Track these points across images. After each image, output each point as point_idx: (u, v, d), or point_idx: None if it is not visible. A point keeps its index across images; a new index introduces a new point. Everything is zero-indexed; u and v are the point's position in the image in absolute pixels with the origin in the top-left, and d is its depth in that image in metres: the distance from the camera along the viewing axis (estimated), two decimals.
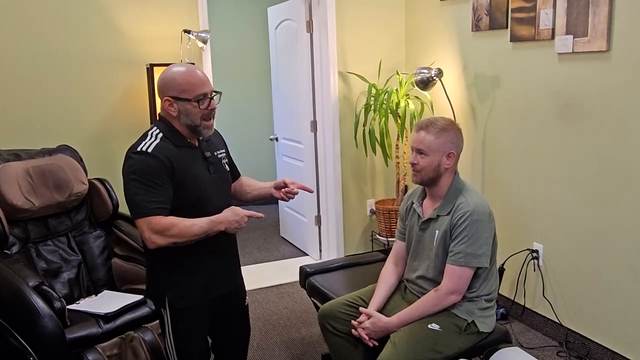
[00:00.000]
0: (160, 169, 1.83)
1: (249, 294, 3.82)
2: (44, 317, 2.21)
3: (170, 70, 1.93)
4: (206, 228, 1.86)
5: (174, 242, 1.84)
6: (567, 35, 2.80)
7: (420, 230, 2.27)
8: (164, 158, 1.85)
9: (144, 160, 1.83)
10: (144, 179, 1.82)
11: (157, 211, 1.81)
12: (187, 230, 1.84)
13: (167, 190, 1.85)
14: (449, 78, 3.67)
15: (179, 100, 1.89)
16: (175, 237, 1.83)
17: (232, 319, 2.18)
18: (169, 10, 3.56)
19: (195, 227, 1.85)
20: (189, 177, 1.91)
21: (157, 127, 1.95)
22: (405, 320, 2.14)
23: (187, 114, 1.90)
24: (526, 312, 3.27)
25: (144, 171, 1.82)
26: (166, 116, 1.95)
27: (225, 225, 1.89)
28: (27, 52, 3.29)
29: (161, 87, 1.92)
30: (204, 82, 1.91)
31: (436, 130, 2.13)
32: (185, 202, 1.89)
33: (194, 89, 1.88)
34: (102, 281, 2.89)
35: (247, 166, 5.88)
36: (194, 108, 1.90)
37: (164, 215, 1.83)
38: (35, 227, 2.82)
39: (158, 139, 1.89)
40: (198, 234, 1.86)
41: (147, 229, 1.81)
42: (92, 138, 3.46)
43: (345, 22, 4.03)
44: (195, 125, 1.92)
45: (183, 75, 1.89)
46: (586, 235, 2.85)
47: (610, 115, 2.66)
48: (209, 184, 1.97)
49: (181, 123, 1.92)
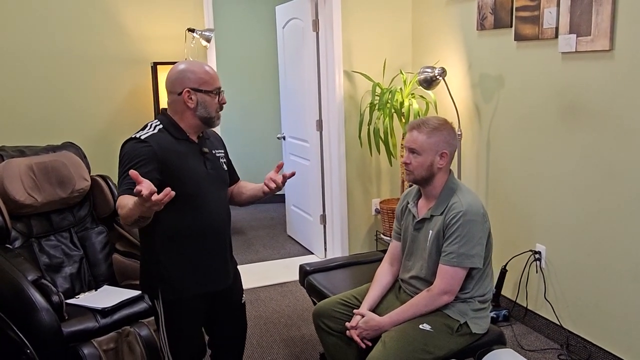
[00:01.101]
0: (147, 153, 1.86)
1: (253, 291, 3.89)
2: (40, 311, 2.25)
3: (184, 65, 1.98)
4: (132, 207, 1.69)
5: (132, 222, 1.72)
6: (570, 34, 2.76)
7: (415, 230, 2.26)
8: (156, 146, 1.88)
9: (134, 145, 1.88)
10: (129, 161, 1.84)
11: (124, 191, 1.78)
12: (124, 209, 1.73)
13: (148, 174, 1.74)
14: (454, 77, 3.65)
15: (198, 91, 1.94)
16: (121, 217, 1.75)
17: (228, 316, 2.20)
18: (174, 9, 3.60)
19: (129, 204, 1.71)
20: (183, 169, 1.93)
21: (159, 119, 2.00)
22: (397, 320, 2.13)
23: (205, 106, 1.95)
24: (528, 314, 3.23)
25: (130, 154, 1.86)
26: (177, 110, 1.97)
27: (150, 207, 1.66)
28: (34, 51, 3.35)
29: (176, 80, 1.95)
30: (217, 77, 2.01)
31: (428, 130, 2.12)
32: (179, 194, 1.88)
33: (213, 82, 1.96)
34: (103, 276, 2.92)
35: (254, 165, 5.97)
36: (212, 100, 1.96)
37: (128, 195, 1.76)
38: (38, 222, 2.87)
39: (156, 129, 1.95)
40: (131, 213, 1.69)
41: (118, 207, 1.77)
42: (96, 135, 3.51)
43: (351, 21, 4.02)
44: (211, 117, 1.98)
45: (201, 68, 1.96)
46: (589, 237, 2.81)
47: (614, 115, 2.62)
48: (205, 178, 1.99)
49: (196, 115, 1.96)
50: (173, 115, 1.99)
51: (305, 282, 2.95)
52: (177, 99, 1.95)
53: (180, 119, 1.98)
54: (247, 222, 5.55)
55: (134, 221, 1.71)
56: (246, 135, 6.04)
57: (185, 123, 1.98)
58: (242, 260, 4.48)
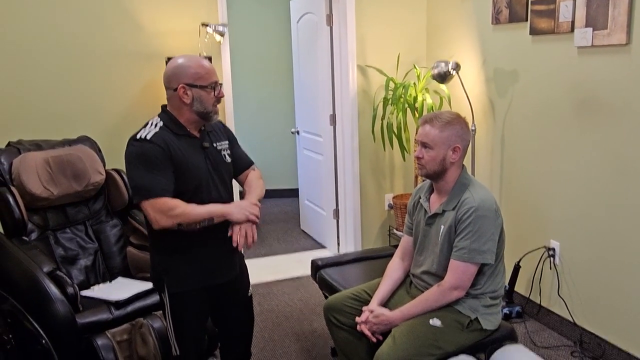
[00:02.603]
0: (160, 154, 1.90)
1: (265, 285, 3.91)
2: (55, 302, 2.28)
3: (180, 60, 1.98)
4: (212, 210, 1.93)
5: (178, 223, 1.89)
6: (586, 28, 2.72)
7: (427, 225, 2.25)
8: (163, 144, 1.91)
9: (144, 146, 1.90)
10: (144, 163, 1.88)
11: (161, 193, 1.88)
12: (191, 210, 1.90)
13: (168, 174, 1.91)
14: (468, 72, 3.62)
15: (193, 87, 1.94)
16: (179, 217, 1.88)
17: (234, 309, 2.22)
18: (188, 4, 3.61)
19: (198, 208, 1.91)
20: (186, 165, 1.96)
21: (159, 117, 2.01)
22: (407, 315, 2.13)
23: (201, 101, 1.96)
24: (542, 311, 3.21)
25: (145, 156, 1.89)
26: (174, 105, 1.99)
27: (233, 213, 1.95)
28: (50, 46, 3.39)
29: (172, 76, 1.96)
30: (214, 71, 2.00)
31: (441, 124, 2.11)
32: (182, 190, 1.94)
33: (208, 77, 1.96)
34: (117, 269, 2.96)
35: (268, 159, 6.00)
36: (208, 94, 1.97)
37: (168, 197, 1.88)
38: (54, 215, 2.91)
39: (158, 127, 1.96)
40: (202, 215, 1.91)
41: (152, 210, 1.88)
42: (112, 129, 3.54)
43: (365, 15, 4.01)
44: (208, 112, 1.99)
45: (196, 63, 1.96)
46: (603, 234, 2.78)
47: (630, 111, 2.58)
48: (205, 173, 2.01)
49: (192, 110, 1.97)
50: (172, 110, 2.00)
51: (317, 276, 2.95)
52: (174, 95, 1.97)
53: (179, 115, 1.99)
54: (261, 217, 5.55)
55: (201, 224, 1.92)
56: (260, 130, 6.05)
57: (184, 118, 1.99)
58: (256, 254, 4.51)
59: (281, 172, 6.08)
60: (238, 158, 2.21)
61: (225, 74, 3.76)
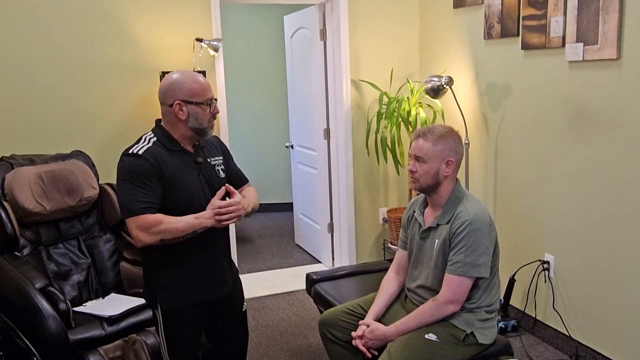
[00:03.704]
0: (148, 170, 1.89)
1: (260, 300, 3.89)
2: (47, 318, 2.26)
3: (176, 76, 1.98)
4: (192, 223, 1.89)
5: (160, 239, 1.88)
6: (577, 43, 2.75)
7: (421, 239, 2.25)
8: (153, 160, 1.90)
9: (133, 161, 1.90)
10: (132, 179, 1.88)
11: (144, 210, 1.86)
12: (173, 226, 1.87)
13: (155, 191, 1.90)
14: (461, 86, 3.65)
15: (189, 103, 1.94)
16: (161, 233, 1.87)
17: (228, 324, 2.20)
18: (182, 19, 3.63)
19: (180, 223, 1.88)
20: (179, 181, 1.95)
21: (152, 132, 2.01)
22: (402, 330, 2.12)
23: (196, 117, 1.96)
24: (537, 325, 3.20)
25: (132, 172, 1.89)
26: (169, 121, 1.99)
27: (209, 220, 1.91)
28: (44, 59, 3.39)
29: (168, 92, 1.96)
30: (210, 87, 2.00)
31: (434, 138, 2.12)
32: (175, 205, 1.93)
33: (204, 93, 1.96)
34: (110, 284, 2.93)
35: (263, 173, 6.00)
36: (204, 111, 1.96)
37: (152, 213, 1.87)
38: (46, 230, 2.89)
39: (151, 142, 1.95)
40: (184, 230, 1.89)
41: (135, 227, 1.87)
42: (106, 143, 3.53)
43: (358, 30, 4.04)
44: (203, 128, 1.98)
45: (191, 79, 1.96)
46: (598, 247, 2.78)
47: (622, 125, 2.60)
48: (198, 188, 2.00)
49: (188, 126, 1.96)
50: (166, 125, 2.00)
51: (311, 290, 2.94)
52: (169, 111, 1.96)
53: (173, 130, 1.99)
54: (255, 231, 5.56)
55: (184, 237, 1.91)
56: (255, 144, 6.06)
57: (178, 134, 1.99)
58: (250, 268, 4.49)
59: (275, 186, 6.08)
60: (233, 174, 2.21)
61: (219, 89, 3.77)
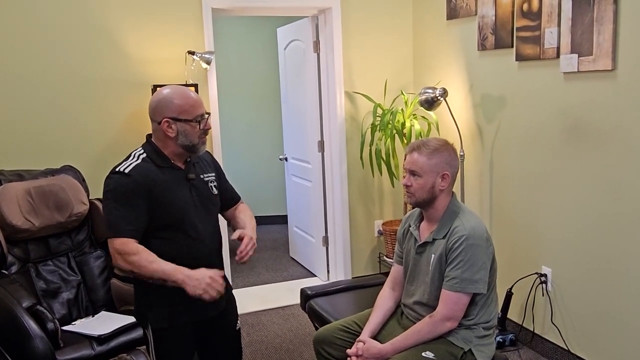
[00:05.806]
0: (134, 189, 1.86)
1: (255, 315, 3.83)
2: (34, 339, 2.20)
3: (165, 92, 1.94)
4: (166, 270, 1.82)
5: (131, 269, 1.86)
6: (572, 54, 2.74)
7: (417, 253, 2.21)
8: (140, 178, 1.87)
9: (119, 179, 1.87)
10: (117, 198, 1.85)
11: (125, 233, 1.84)
12: (146, 263, 1.83)
13: (139, 212, 1.86)
14: (456, 98, 3.63)
15: (178, 121, 1.90)
16: (133, 264, 1.83)
17: (221, 343, 2.15)
18: (174, 32, 3.60)
19: (154, 264, 1.83)
20: (169, 198, 1.91)
21: (142, 147, 1.98)
22: (399, 347, 2.07)
23: (186, 135, 1.92)
24: (535, 339, 3.16)
25: (117, 191, 1.86)
26: (159, 137, 1.95)
27: (186, 280, 1.81)
28: (34, 74, 3.35)
29: (156, 109, 1.93)
30: (200, 103, 1.95)
31: (429, 151, 2.08)
32: (166, 222, 1.89)
33: (193, 110, 1.91)
34: (101, 302, 2.88)
35: (257, 185, 5.95)
36: (193, 128, 1.92)
37: (133, 239, 1.84)
38: (35, 247, 2.83)
39: (139, 159, 1.92)
40: (156, 272, 1.83)
41: (113, 248, 1.85)
42: (96, 158, 3.48)
43: (351, 42, 4.02)
44: (194, 145, 1.95)
45: (181, 96, 1.92)
46: (595, 260, 2.75)
47: (618, 136, 2.58)
48: (191, 205, 1.96)
49: (178, 144, 1.93)
50: (157, 142, 1.97)
51: (306, 306, 2.89)
52: (158, 128, 1.93)
53: (163, 147, 1.96)
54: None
55: (154, 279, 1.87)
56: (248, 157, 6.02)
57: (168, 150, 1.96)
58: (245, 283, 4.43)
59: (270, 199, 6.04)
60: (226, 192, 2.17)
61: (212, 102, 3.74)
